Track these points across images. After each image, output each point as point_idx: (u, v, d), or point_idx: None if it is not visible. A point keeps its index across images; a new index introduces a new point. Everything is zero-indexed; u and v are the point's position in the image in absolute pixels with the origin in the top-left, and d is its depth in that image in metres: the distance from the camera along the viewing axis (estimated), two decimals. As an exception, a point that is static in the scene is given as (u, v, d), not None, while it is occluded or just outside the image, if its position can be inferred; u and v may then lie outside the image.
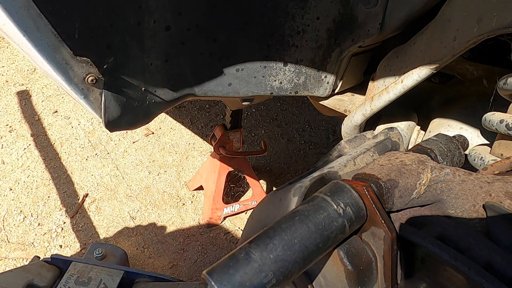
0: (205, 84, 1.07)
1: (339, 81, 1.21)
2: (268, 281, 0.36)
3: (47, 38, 0.75)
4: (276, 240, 0.38)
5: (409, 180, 0.45)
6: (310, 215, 0.40)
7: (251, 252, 0.37)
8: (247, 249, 0.37)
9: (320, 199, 0.42)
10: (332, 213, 0.40)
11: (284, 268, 0.37)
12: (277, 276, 0.36)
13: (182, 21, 0.94)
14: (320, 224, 0.40)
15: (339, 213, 0.41)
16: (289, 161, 2.75)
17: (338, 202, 0.41)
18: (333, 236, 0.40)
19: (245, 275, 0.35)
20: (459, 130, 1.04)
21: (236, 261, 0.36)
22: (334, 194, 0.42)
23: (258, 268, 0.36)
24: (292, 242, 0.38)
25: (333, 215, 0.40)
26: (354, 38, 1.04)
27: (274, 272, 0.36)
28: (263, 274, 0.36)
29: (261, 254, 0.37)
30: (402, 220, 0.46)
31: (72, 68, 0.81)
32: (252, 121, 3.05)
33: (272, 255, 0.37)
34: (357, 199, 0.42)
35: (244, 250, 0.37)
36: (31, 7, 0.70)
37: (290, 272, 0.37)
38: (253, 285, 0.35)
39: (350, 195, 0.42)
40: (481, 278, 0.36)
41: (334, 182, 0.45)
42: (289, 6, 1.02)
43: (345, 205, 0.41)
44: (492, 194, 0.44)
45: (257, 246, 0.37)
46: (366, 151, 0.57)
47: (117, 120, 0.95)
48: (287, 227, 0.39)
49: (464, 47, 0.79)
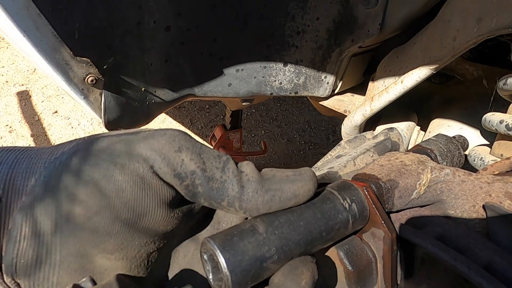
0: (205, 84, 1.07)
1: (339, 82, 1.21)
2: (270, 256, 0.35)
3: (47, 38, 0.75)
4: (282, 219, 0.37)
5: (409, 180, 0.45)
6: (317, 203, 0.40)
7: (256, 225, 0.36)
8: (252, 221, 0.37)
9: (328, 191, 0.42)
10: (338, 206, 0.41)
11: (287, 247, 0.36)
12: (279, 254, 0.36)
13: (182, 21, 0.94)
14: (326, 213, 0.40)
15: (344, 207, 0.41)
16: (289, 162, 2.75)
17: (345, 197, 0.41)
18: (336, 228, 0.40)
19: (249, 244, 0.35)
20: (459, 130, 1.04)
21: (240, 231, 0.36)
22: (341, 189, 0.42)
23: (263, 241, 0.35)
24: (298, 224, 0.38)
25: (339, 208, 0.40)
26: (354, 39, 1.04)
27: (277, 248, 0.36)
28: (266, 247, 0.35)
29: (266, 229, 0.36)
30: (402, 220, 0.46)
31: (72, 68, 0.81)
32: (252, 122, 3.05)
33: (277, 231, 0.36)
34: (362, 198, 0.42)
35: (250, 223, 0.37)
36: (31, 7, 0.70)
37: (292, 252, 0.37)
38: (255, 256, 0.34)
39: (356, 193, 0.42)
40: (481, 278, 0.36)
41: (341, 180, 0.45)
42: (289, 7, 1.02)
43: (351, 201, 0.41)
44: (492, 195, 0.44)
45: (263, 221, 0.37)
46: (366, 152, 0.57)
47: (117, 120, 0.96)
48: (294, 210, 0.39)
49: (464, 48, 0.79)
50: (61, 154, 0.35)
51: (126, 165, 0.34)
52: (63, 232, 0.33)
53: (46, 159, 0.35)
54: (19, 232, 0.32)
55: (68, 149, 0.35)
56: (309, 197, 0.39)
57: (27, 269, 0.32)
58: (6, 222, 0.32)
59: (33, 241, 0.32)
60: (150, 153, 0.34)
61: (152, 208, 0.35)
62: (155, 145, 0.35)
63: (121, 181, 0.33)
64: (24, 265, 0.32)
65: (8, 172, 0.33)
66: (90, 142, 0.35)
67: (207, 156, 0.37)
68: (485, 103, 0.93)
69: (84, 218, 0.33)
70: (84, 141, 0.36)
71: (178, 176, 0.35)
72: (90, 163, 0.33)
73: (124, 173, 0.33)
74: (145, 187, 0.34)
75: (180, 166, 0.35)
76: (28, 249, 0.32)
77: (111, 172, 0.33)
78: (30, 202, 0.32)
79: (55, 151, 0.35)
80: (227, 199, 0.36)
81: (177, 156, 0.35)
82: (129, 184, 0.33)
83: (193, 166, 0.35)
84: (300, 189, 0.37)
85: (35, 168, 0.34)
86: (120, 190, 0.33)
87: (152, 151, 0.34)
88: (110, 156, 0.34)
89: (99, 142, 0.35)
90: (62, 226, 0.32)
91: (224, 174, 0.36)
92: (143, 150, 0.35)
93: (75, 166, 0.33)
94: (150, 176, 0.34)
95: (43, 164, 0.34)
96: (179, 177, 0.35)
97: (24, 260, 0.32)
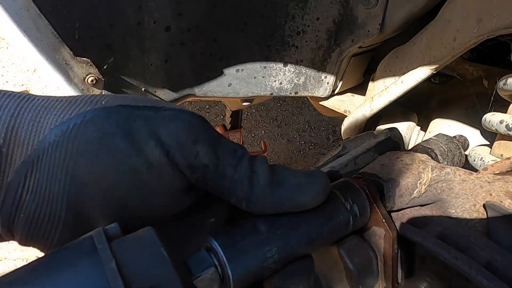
0: (205, 85, 1.08)
1: (339, 82, 1.21)
2: (271, 255, 0.35)
3: (47, 38, 0.75)
4: (284, 219, 0.37)
5: (409, 179, 0.45)
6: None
7: (258, 224, 0.37)
8: (254, 221, 0.37)
9: (330, 191, 0.42)
10: (340, 206, 0.41)
11: (288, 247, 0.36)
12: (280, 253, 0.36)
13: (182, 22, 0.94)
14: (327, 213, 0.40)
15: (346, 207, 0.41)
16: (289, 162, 2.75)
17: (347, 197, 0.41)
18: (337, 228, 0.40)
19: (250, 243, 0.35)
20: (459, 130, 1.04)
21: (242, 230, 0.36)
22: (343, 189, 0.42)
23: (264, 240, 0.35)
24: (299, 224, 0.38)
25: (341, 208, 0.41)
26: (354, 39, 1.04)
27: (278, 248, 0.36)
28: (268, 247, 0.35)
29: (268, 228, 0.36)
30: (403, 219, 0.46)
31: (72, 68, 0.81)
32: (252, 122, 3.05)
33: (279, 231, 0.36)
34: (363, 199, 0.42)
35: (252, 221, 0.37)
36: (31, 8, 0.71)
37: (292, 253, 0.37)
38: (256, 256, 0.35)
39: (358, 194, 0.42)
40: (481, 277, 0.36)
41: (343, 179, 0.45)
42: (289, 7, 1.02)
43: (353, 201, 0.41)
44: (493, 194, 0.44)
45: (265, 220, 0.37)
46: (367, 151, 0.57)
47: (117, 120, 0.95)
48: None
49: (464, 48, 0.79)
50: (75, 116, 0.33)
51: (144, 145, 0.33)
52: (71, 195, 0.32)
53: (57, 116, 0.33)
54: (21, 185, 0.31)
55: (84, 112, 0.33)
56: (317, 206, 0.38)
57: (26, 223, 0.32)
58: (6, 173, 0.31)
59: (37, 196, 0.31)
60: (167, 139, 0.34)
61: (163, 193, 0.35)
62: (174, 130, 0.34)
63: (135, 161, 0.33)
64: (23, 219, 0.31)
65: (11, 120, 0.32)
66: (109, 111, 0.34)
67: (222, 150, 0.36)
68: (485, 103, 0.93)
69: (95, 188, 0.32)
70: (103, 108, 0.34)
71: (191, 167, 0.35)
72: (108, 133, 0.32)
73: (140, 154, 0.33)
74: (158, 171, 0.34)
75: (194, 158, 0.34)
76: (30, 203, 0.31)
77: (128, 151, 0.33)
78: (38, 157, 0.31)
79: (68, 110, 0.33)
80: (235, 197, 0.36)
81: (193, 147, 0.34)
82: (144, 166, 0.33)
83: (207, 161, 0.35)
84: (311, 201, 0.37)
85: (43, 123, 0.32)
86: (134, 169, 0.33)
87: (170, 137, 0.34)
88: (129, 132, 0.33)
89: (119, 112, 0.34)
90: (71, 190, 0.32)
91: (236, 173, 0.36)
92: (161, 133, 0.34)
93: (92, 135, 0.32)
94: (164, 162, 0.34)
95: (53, 121, 0.33)
96: (192, 168, 0.35)
97: (24, 215, 0.31)
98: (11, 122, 0.32)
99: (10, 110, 0.32)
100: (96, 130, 0.32)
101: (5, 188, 0.31)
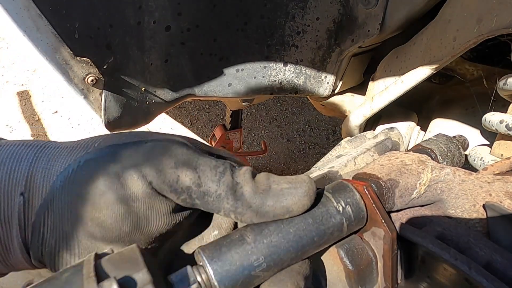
0: (205, 84, 1.08)
1: (339, 82, 1.21)
2: (259, 264, 0.36)
3: (47, 38, 0.75)
4: (272, 227, 0.38)
5: (409, 179, 0.45)
6: (309, 208, 0.40)
7: (245, 234, 0.38)
8: (242, 231, 0.38)
9: (321, 194, 0.42)
10: (331, 209, 0.41)
11: (276, 255, 0.37)
12: (268, 262, 0.37)
13: (182, 21, 0.94)
14: (317, 217, 0.40)
15: (338, 210, 0.41)
16: (289, 161, 2.75)
17: (339, 199, 0.41)
18: (330, 232, 0.40)
19: (236, 254, 0.36)
20: (459, 130, 1.04)
21: (230, 241, 0.37)
22: (336, 191, 0.42)
23: (251, 250, 0.36)
24: (288, 230, 0.38)
25: (332, 211, 0.40)
26: (354, 39, 1.04)
27: (265, 256, 0.37)
28: (255, 257, 0.36)
29: (255, 238, 0.37)
30: (403, 219, 0.46)
31: (72, 68, 0.81)
32: (252, 121, 3.05)
33: (266, 240, 0.37)
34: (358, 200, 0.42)
35: (239, 232, 0.38)
36: (31, 8, 0.71)
37: (282, 260, 0.38)
38: (243, 266, 0.36)
39: (352, 195, 0.42)
40: (481, 277, 0.36)
41: (338, 181, 0.45)
42: (289, 7, 1.02)
43: (346, 203, 0.41)
44: (492, 194, 0.44)
45: (252, 230, 0.38)
46: (367, 151, 0.57)
47: (117, 120, 0.96)
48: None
49: (464, 48, 0.79)
50: (73, 162, 0.38)
51: (128, 180, 0.37)
52: (80, 232, 0.37)
53: (62, 163, 0.38)
54: (42, 225, 0.37)
55: (80, 157, 0.39)
56: (304, 210, 0.39)
57: (50, 254, 0.38)
58: (29, 215, 0.37)
59: (54, 233, 0.37)
60: (148, 169, 0.37)
61: (154, 218, 0.38)
62: (154, 160, 0.38)
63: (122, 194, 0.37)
64: (48, 252, 0.37)
65: (29, 169, 0.37)
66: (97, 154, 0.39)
67: (203, 169, 0.39)
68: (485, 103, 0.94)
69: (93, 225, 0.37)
70: (94, 151, 0.39)
71: (175, 192, 0.38)
72: (97, 174, 0.37)
73: (126, 188, 0.37)
74: (146, 201, 0.37)
75: (176, 182, 0.38)
76: (50, 240, 0.37)
77: (115, 187, 0.37)
78: (51, 200, 0.37)
79: (71, 156, 0.39)
80: (223, 211, 0.39)
81: (173, 172, 0.38)
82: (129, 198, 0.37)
83: (188, 182, 0.38)
84: (294, 205, 0.38)
85: (52, 168, 0.38)
86: (122, 202, 0.37)
87: (151, 167, 0.37)
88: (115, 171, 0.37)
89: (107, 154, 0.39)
90: (77, 226, 0.37)
91: (219, 187, 0.38)
92: (143, 166, 0.38)
93: (84, 178, 0.37)
94: (148, 192, 0.37)
95: (59, 167, 0.38)
96: (176, 192, 0.38)
97: (48, 249, 0.37)
98: (29, 170, 0.37)
99: (28, 160, 0.38)
100: (87, 174, 0.37)
101: (31, 228, 0.37)
